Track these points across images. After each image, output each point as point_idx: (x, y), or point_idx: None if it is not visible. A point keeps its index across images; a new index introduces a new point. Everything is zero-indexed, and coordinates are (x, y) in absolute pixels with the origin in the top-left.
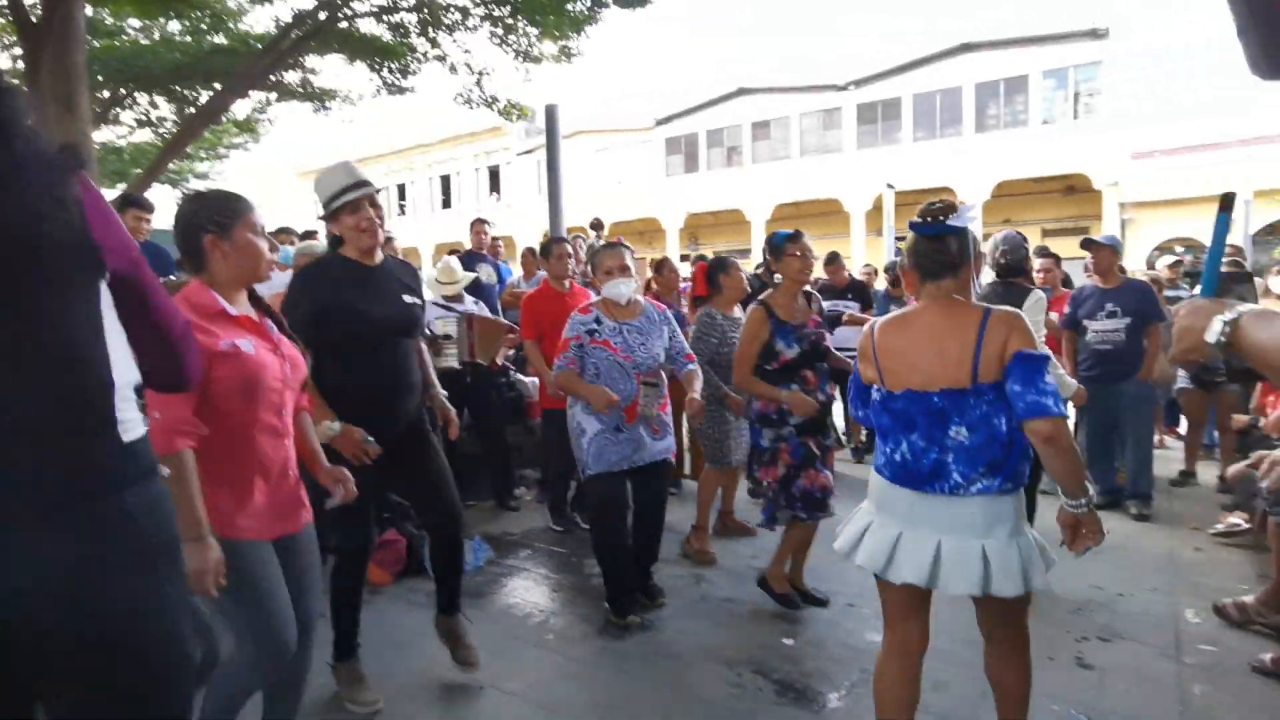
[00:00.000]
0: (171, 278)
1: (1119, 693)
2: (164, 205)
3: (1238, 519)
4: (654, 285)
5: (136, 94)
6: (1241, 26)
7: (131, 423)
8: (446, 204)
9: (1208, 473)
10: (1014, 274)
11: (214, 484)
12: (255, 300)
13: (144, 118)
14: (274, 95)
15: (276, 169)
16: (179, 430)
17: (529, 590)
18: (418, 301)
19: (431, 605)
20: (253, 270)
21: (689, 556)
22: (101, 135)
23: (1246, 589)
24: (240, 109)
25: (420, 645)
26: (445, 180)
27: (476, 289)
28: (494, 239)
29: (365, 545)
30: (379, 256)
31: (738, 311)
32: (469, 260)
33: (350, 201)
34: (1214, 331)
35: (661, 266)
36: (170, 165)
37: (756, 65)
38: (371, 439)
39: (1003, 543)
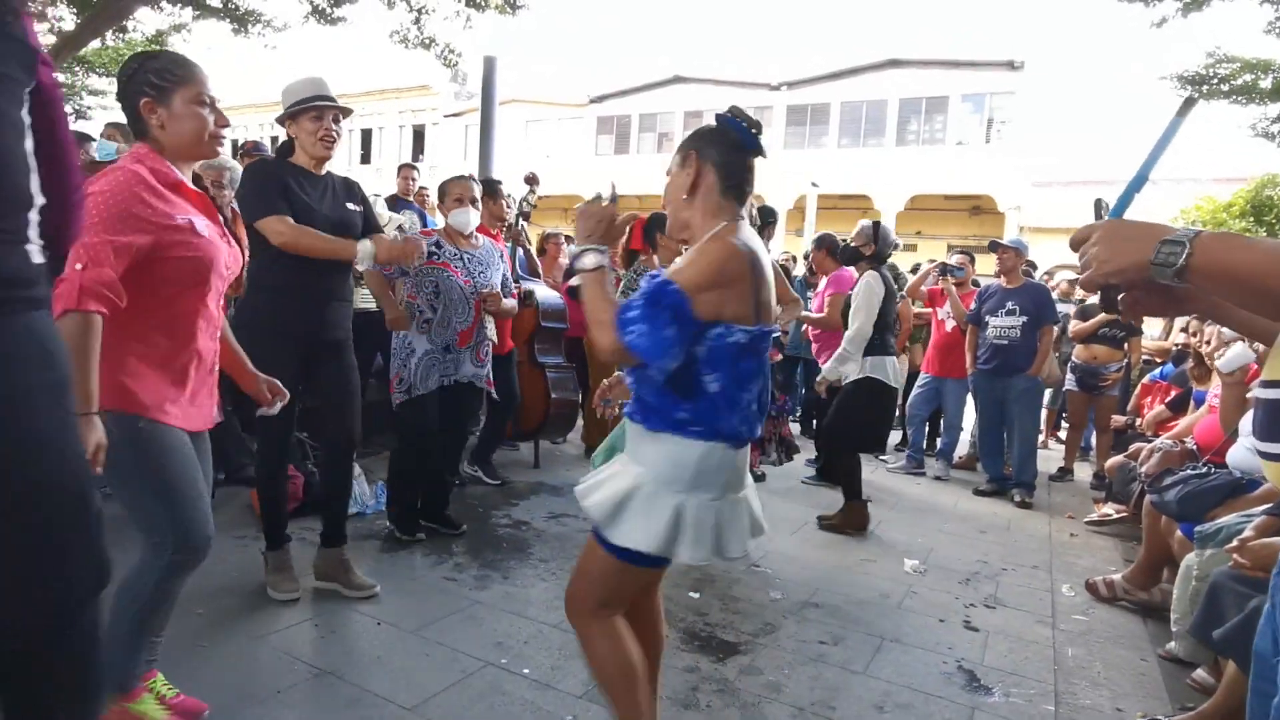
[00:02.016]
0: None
1: (1001, 652)
2: None
3: (1109, 509)
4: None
5: None
6: None
7: (36, 248)
8: (366, 159)
9: (1083, 472)
10: (851, 261)
11: (152, 365)
12: (198, 184)
13: (36, 12)
14: (191, 10)
15: None
16: (97, 292)
17: (430, 535)
18: (359, 209)
19: None
20: (192, 145)
21: None
22: None
23: (1115, 570)
24: (153, 22)
25: (313, 581)
26: (366, 135)
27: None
28: (421, 188)
29: (284, 439)
30: (324, 170)
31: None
32: (394, 205)
33: (317, 108)
34: (1165, 252)
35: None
36: (62, 76)
37: (691, 56)
38: (403, 221)
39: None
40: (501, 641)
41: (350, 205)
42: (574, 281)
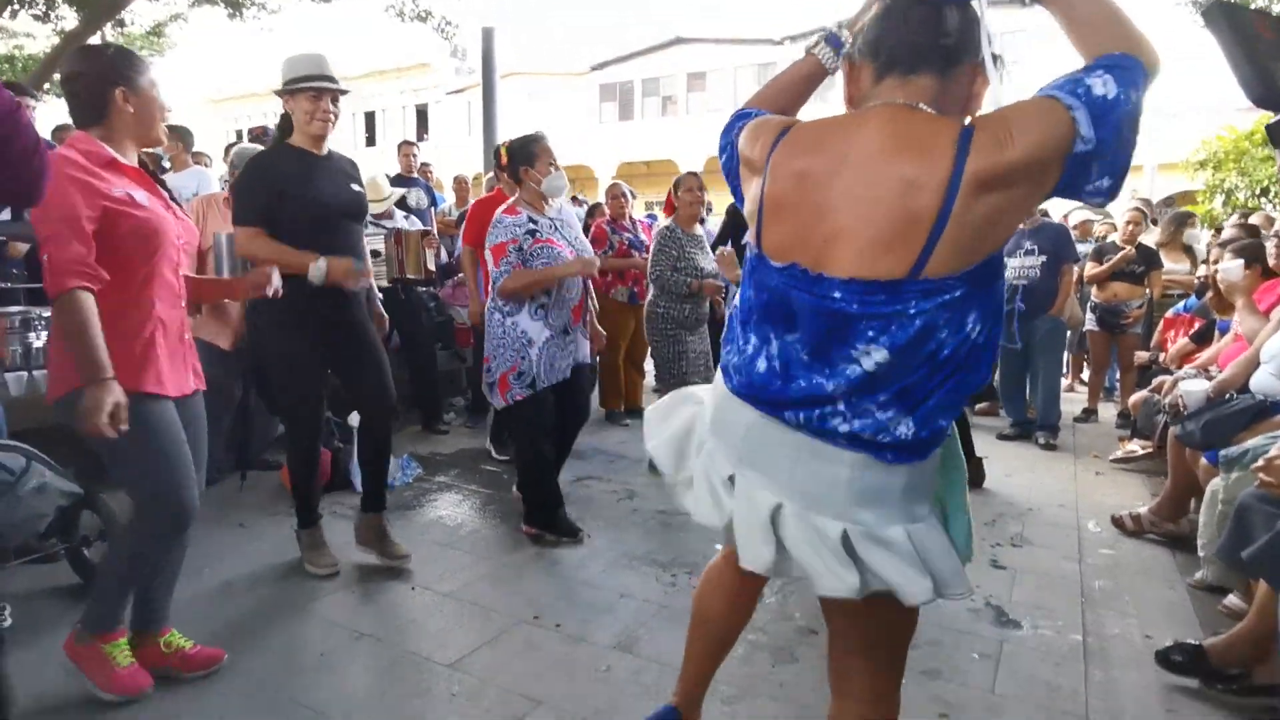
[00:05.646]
0: None
1: (1029, 588)
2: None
3: (1135, 446)
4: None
5: None
6: (1232, 59)
7: None
8: (371, 142)
9: (1108, 412)
10: None
11: (118, 339)
12: (143, 169)
13: (40, 15)
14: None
15: (186, 94)
16: (69, 270)
17: (459, 504)
18: (363, 190)
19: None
20: (152, 126)
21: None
22: None
23: (1142, 505)
24: (149, 14)
25: (348, 553)
26: (370, 117)
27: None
28: (423, 164)
29: (311, 420)
30: (326, 149)
31: (699, 229)
32: (398, 184)
33: (315, 89)
34: None
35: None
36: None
37: (691, 15)
38: (362, 264)
39: (876, 533)
40: (533, 600)
41: (355, 187)
42: None
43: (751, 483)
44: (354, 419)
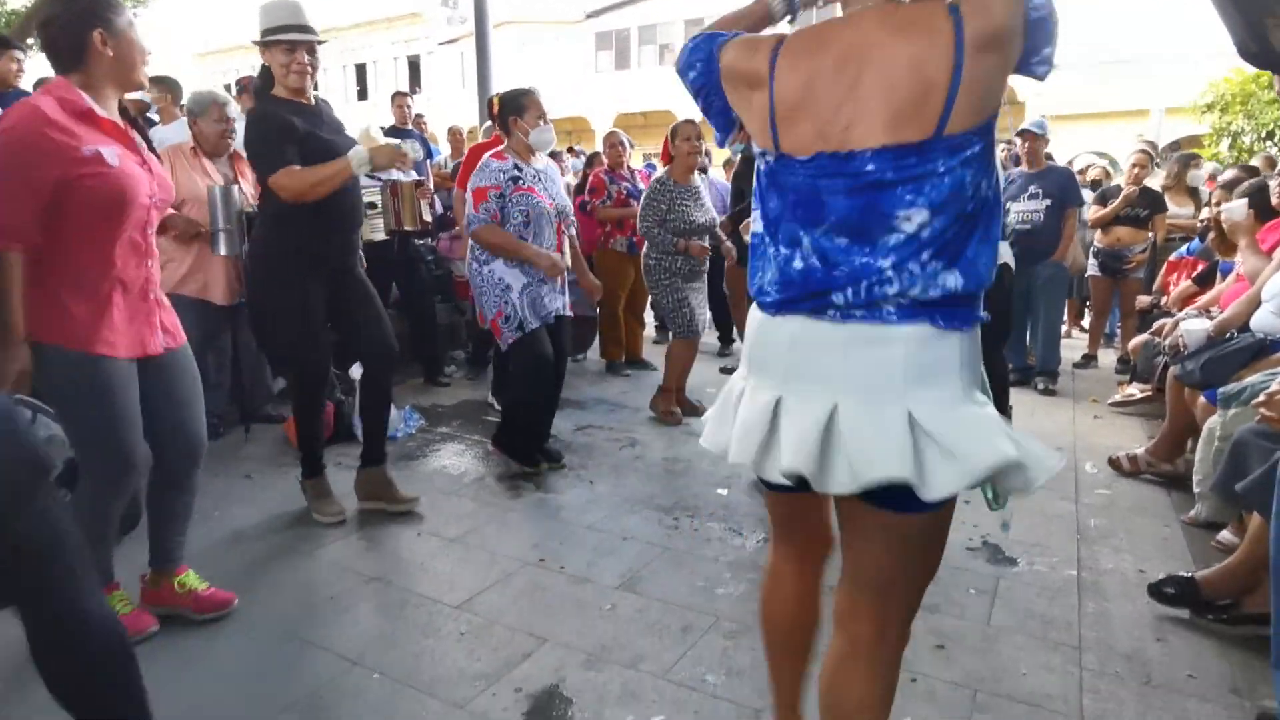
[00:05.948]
0: None
1: (1026, 526)
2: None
3: (1134, 389)
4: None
5: None
6: (1225, 17)
7: None
8: (363, 95)
9: (1108, 358)
10: None
11: (72, 296)
12: (124, 116)
13: None
14: None
15: (172, 48)
16: (5, 233)
17: (462, 453)
18: (353, 138)
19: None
20: (133, 69)
21: (656, 416)
22: None
23: (1139, 447)
24: None
25: (354, 501)
26: (360, 69)
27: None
28: (418, 115)
29: (319, 371)
30: (313, 98)
31: (697, 179)
32: (393, 135)
33: (289, 41)
34: None
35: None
36: None
37: None
38: (405, 146)
39: (943, 408)
40: (538, 543)
41: (347, 132)
42: None
43: (802, 396)
44: (355, 371)
